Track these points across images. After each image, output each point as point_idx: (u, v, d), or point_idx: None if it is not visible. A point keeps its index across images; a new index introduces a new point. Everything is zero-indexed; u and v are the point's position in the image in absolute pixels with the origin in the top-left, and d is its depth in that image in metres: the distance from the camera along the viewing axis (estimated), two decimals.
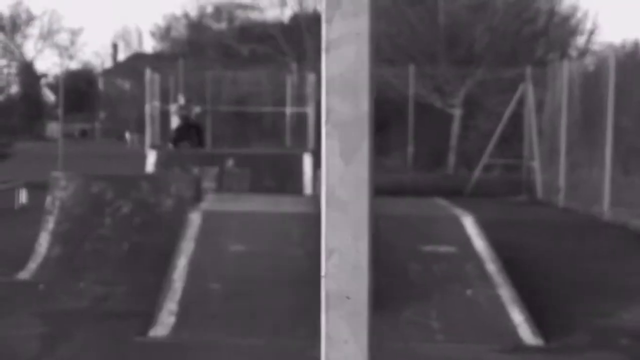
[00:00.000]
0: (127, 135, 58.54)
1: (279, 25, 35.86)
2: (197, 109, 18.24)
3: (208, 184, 14.51)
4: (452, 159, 23.97)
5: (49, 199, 9.79)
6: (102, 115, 68.70)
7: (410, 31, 23.93)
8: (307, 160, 16.81)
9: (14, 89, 63.52)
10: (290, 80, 20.02)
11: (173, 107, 18.37)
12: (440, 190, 18.22)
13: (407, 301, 7.26)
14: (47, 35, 66.25)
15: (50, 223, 9.61)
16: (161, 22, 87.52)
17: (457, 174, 23.37)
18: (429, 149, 23.99)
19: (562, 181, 17.20)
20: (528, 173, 19.46)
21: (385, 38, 24.16)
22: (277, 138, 24.54)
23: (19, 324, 6.92)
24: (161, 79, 21.32)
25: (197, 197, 10.11)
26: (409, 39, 23.92)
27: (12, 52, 64.71)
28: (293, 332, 6.73)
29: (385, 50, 24.54)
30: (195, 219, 8.89)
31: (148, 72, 17.48)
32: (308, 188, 16.39)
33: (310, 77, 17.60)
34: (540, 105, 19.00)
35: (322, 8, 1.61)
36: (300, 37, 32.97)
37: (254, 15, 44.08)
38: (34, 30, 73.93)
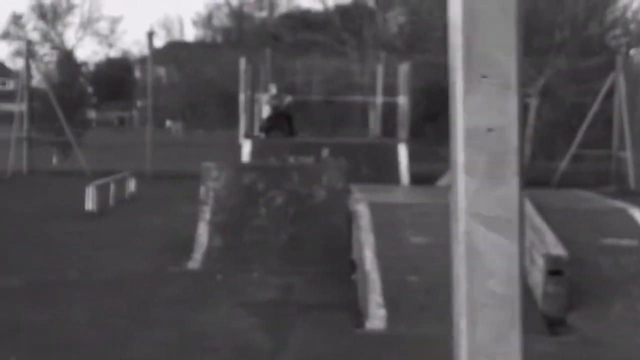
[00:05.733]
0: (169, 123, 58.55)
1: (338, 13, 35.70)
2: (288, 99, 18.21)
3: None
4: (528, 149, 23.81)
5: (202, 189, 9.79)
6: (139, 103, 68.85)
7: None
8: (403, 150, 16.76)
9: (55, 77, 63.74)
10: (380, 70, 19.92)
11: (264, 97, 18.36)
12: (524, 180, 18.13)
13: (610, 296, 7.19)
14: (87, 24, 66.48)
15: (206, 213, 9.62)
16: (203, 10, 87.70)
17: (535, 164, 23.20)
18: None
19: None
20: (618, 163, 19.29)
21: None
22: (354, 127, 24.51)
23: (228, 315, 6.92)
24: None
25: (346, 188, 10.08)
26: None
27: (53, 40, 65.08)
28: None
29: None
30: (363, 210, 8.86)
31: (242, 62, 17.42)
32: (405, 178, 16.34)
33: (403, 67, 17.47)
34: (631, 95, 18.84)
35: None
36: (360, 24, 32.81)
37: (308, 3, 44.04)
38: (74, 19, 74.34)
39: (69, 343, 5.95)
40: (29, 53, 21.33)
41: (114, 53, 70.63)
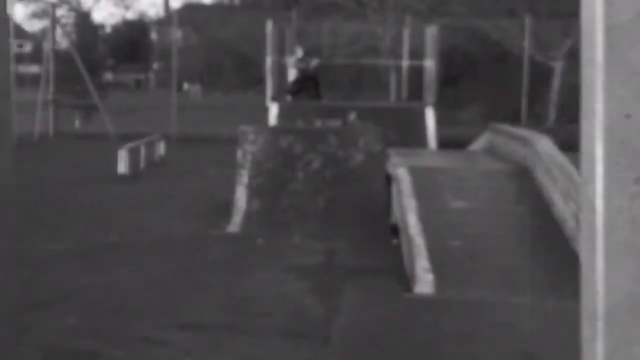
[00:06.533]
0: (186, 86, 58.41)
1: None
2: (314, 62, 18.09)
3: None
4: (552, 112, 23.68)
5: (239, 152, 9.79)
6: (155, 65, 68.57)
7: None
8: (430, 114, 16.67)
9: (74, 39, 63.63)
10: (407, 32, 19.77)
11: (291, 60, 18.25)
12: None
13: None
14: None
15: (244, 177, 9.64)
16: None
17: (559, 128, 23.07)
18: (506, 102, 23.60)
19: None
20: None
21: None
22: (376, 91, 24.41)
23: (276, 279, 6.96)
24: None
25: (384, 152, 10.05)
26: None
27: (70, 2, 64.70)
28: (556, 291, 6.69)
29: (484, 2, 24.22)
30: (403, 174, 8.88)
31: (269, 25, 17.31)
32: (432, 142, 16.26)
33: (431, 30, 17.30)
34: None
35: None
36: None
37: None
38: None
39: (124, 305, 6.01)
40: (54, 15, 21.26)
41: (130, 15, 70.29)
